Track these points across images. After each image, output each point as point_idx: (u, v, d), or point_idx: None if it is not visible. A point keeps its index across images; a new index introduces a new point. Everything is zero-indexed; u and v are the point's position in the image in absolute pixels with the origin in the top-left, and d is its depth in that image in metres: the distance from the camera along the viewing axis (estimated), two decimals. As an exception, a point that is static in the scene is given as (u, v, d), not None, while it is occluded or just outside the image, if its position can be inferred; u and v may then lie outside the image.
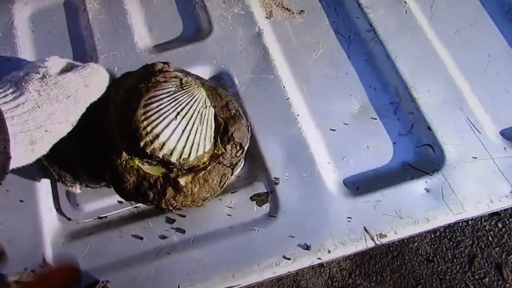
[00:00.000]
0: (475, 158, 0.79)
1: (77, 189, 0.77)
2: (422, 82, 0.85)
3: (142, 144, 0.66)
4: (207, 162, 0.73)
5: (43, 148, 0.62)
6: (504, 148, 0.80)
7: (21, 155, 0.58)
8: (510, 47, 0.89)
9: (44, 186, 0.81)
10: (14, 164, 0.58)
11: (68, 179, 0.76)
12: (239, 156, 0.76)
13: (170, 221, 0.78)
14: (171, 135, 0.67)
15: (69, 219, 0.80)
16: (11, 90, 0.59)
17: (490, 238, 1.87)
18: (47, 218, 0.79)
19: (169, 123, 0.67)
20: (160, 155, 0.67)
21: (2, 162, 0.54)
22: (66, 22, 0.94)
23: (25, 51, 0.91)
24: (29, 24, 0.94)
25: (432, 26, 0.91)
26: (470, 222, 1.89)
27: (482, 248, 1.86)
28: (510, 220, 1.91)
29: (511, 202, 0.77)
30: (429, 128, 0.81)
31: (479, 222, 1.90)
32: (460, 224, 1.89)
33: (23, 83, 0.60)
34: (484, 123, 0.82)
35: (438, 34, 0.90)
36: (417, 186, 0.78)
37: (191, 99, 0.68)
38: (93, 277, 0.75)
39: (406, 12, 0.91)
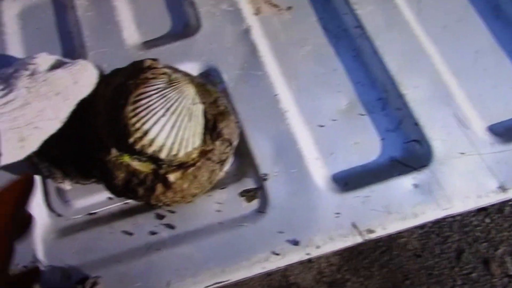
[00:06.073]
0: (463, 153, 0.80)
1: (67, 185, 0.77)
2: (409, 78, 0.85)
3: (131, 140, 0.66)
4: (196, 159, 0.73)
5: (33, 145, 0.62)
6: (491, 144, 0.80)
7: (11, 152, 0.59)
8: (497, 43, 0.89)
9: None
10: (3, 161, 0.58)
11: (58, 176, 0.76)
12: (228, 152, 0.76)
13: (160, 217, 0.78)
14: (160, 131, 0.67)
15: (59, 215, 0.80)
16: (0, 87, 0.59)
17: (477, 233, 1.88)
18: (38, 214, 0.78)
19: (158, 119, 0.67)
20: (150, 152, 0.68)
21: None
22: (55, 19, 0.94)
23: (14, 48, 0.91)
24: (17, 21, 0.94)
25: (420, 22, 0.91)
26: (457, 218, 1.90)
27: (470, 243, 1.86)
28: (497, 215, 1.91)
29: (498, 198, 0.77)
30: (416, 124, 0.82)
31: (466, 218, 1.90)
32: (448, 219, 1.90)
33: (12, 80, 0.60)
34: (472, 119, 0.83)
35: (426, 30, 0.90)
36: (405, 182, 0.79)
37: (180, 96, 0.69)
38: (84, 273, 0.75)
39: (393, 8, 0.92)
